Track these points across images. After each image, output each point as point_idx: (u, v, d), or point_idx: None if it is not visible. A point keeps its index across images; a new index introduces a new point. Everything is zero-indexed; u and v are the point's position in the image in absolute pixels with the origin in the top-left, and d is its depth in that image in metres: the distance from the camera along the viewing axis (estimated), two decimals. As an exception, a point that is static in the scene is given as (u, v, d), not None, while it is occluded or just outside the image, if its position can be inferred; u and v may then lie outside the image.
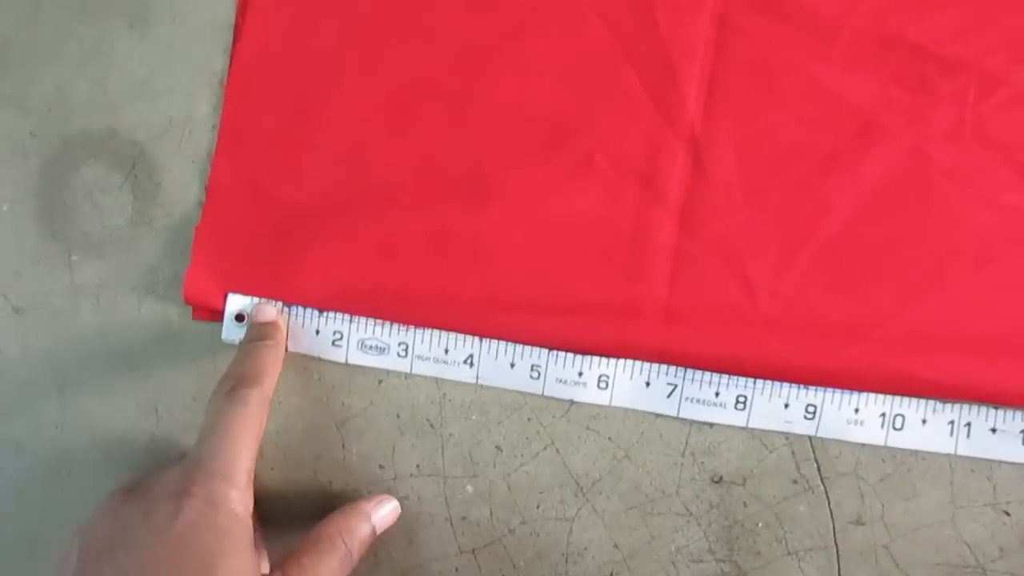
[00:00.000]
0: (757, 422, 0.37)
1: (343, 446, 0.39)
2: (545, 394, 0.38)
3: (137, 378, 0.39)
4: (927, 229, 0.36)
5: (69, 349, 0.40)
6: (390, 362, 0.38)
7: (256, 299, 0.38)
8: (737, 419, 0.37)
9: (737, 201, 0.37)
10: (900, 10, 0.37)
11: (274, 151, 0.39)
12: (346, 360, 0.38)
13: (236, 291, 0.39)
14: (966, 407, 0.36)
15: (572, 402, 0.38)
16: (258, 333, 0.36)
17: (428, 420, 0.39)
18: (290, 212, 0.39)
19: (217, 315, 0.39)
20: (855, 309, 0.36)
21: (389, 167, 0.39)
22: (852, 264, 0.37)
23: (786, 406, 0.36)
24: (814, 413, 0.36)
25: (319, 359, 0.39)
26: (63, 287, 0.40)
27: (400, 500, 0.38)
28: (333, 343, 0.39)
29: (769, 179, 0.37)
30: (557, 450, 0.38)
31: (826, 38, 0.37)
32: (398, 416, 0.39)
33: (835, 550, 0.36)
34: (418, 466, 0.39)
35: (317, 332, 0.39)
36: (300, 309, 0.38)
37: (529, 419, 0.38)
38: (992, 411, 0.36)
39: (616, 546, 0.37)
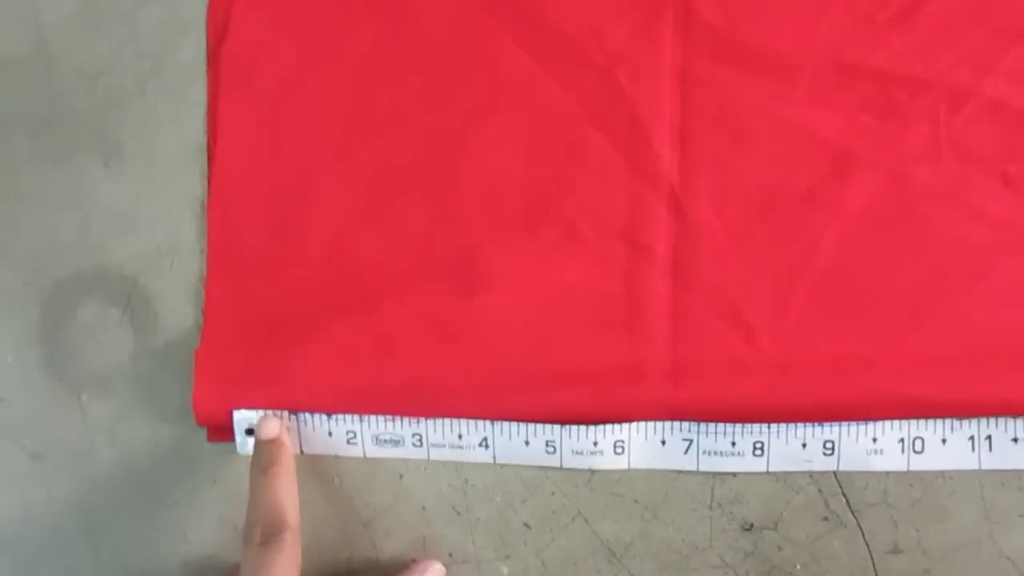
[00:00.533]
0: (777, 465, 0.37)
1: (373, 545, 0.39)
2: (564, 467, 0.38)
3: (163, 507, 0.40)
4: (918, 250, 0.36)
5: (91, 489, 0.40)
6: (407, 452, 0.39)
7: (262, 411, 0.39)
8: (757, 465, 0.37)
9: (725, 249, 0.37)
10: (858, 39, 0.37)
11: (263, 264, 0.40)
12: (364, 455, 0.39)
13: (243, 406, 0.39)
14: (984, 421, 0.36)
15: (592, 470, 0.38)
16: (266, 459, 0.37)
17: (453, 507, 0.39)
18: (286, 321, 0.39)
19: (231, 433, 0.39)
20: (859, 340, 0.36)
21: (377, 262, 0.39)
22: (848, 296, 0.37)
23: (804, 446, 0.36)
24: (832, 448, 0.36)
25: (336, 459, 0.39)
26: (77, 427, 0.40)
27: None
28: (348, 442, 0.39)
29: (754, 223, 0.37)
30: (585, 519, 0.38)
31: (789, 77, 0.37)
32: (423, 508, 0.39)
33: (876, 582, 0.36)
34: (451, 555, 0.39)
35: (329, 434, 0.39)
36: (309, 415, 0.39)
37: (553, 493, 0.38)
38: (1011, 421, 0.36)
39: (658, 608, 0.38)
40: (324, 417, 0.39)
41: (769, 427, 0.37)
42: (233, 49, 0.39)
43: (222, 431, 0.39)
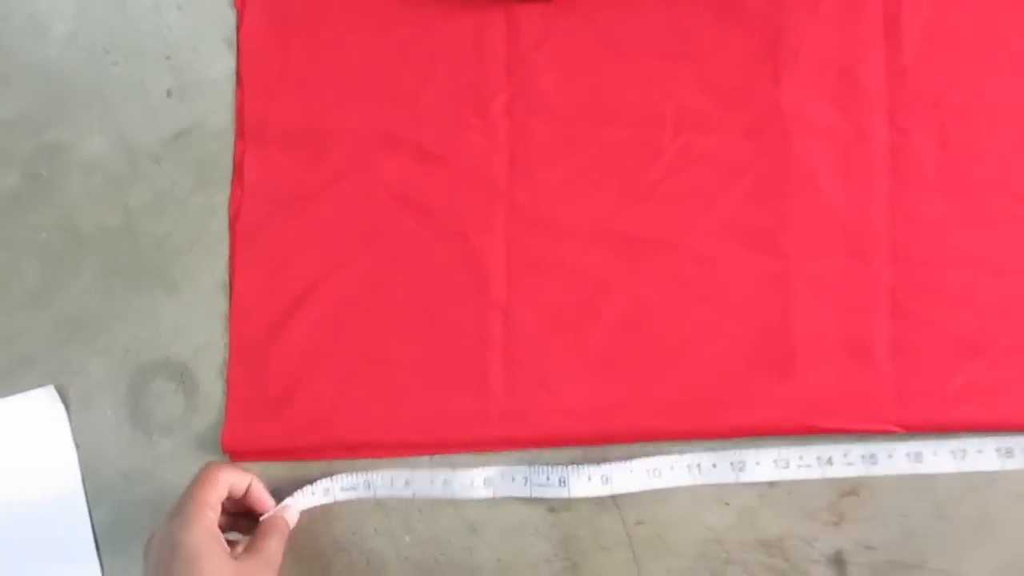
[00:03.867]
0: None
1: None
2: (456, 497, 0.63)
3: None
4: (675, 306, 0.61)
5: (158, 499, 0.66)
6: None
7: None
8: (562, 492, 0.61)
9: (539, 338, 0.63)
10: (612, 203, 0.62)
11: (266, 356, 0.66)
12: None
13: (250, 445, 0.64)
14: (700, 453, 0.61)
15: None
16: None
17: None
18: (281, 392, 0.65)
19: (245, 457, 0.65)
20: (616, 391, 0.61)
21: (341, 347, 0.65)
22: (620, 363, 0.61)
23: (588, 478, 0.61)
24: (607, 479, 0.61)
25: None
26: (151, 459, 0.67)
27: None
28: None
29: (555, 321, 0.62)
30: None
31: (573, 236, 0.63)
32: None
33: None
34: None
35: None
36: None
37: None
38: (722, 452, 0.60)
39: None
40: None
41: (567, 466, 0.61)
42: (243, 229, 0.66)
43: (239, 456, 0.65)
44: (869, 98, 0.61)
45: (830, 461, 0.59)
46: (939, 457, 0.58)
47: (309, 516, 0.63)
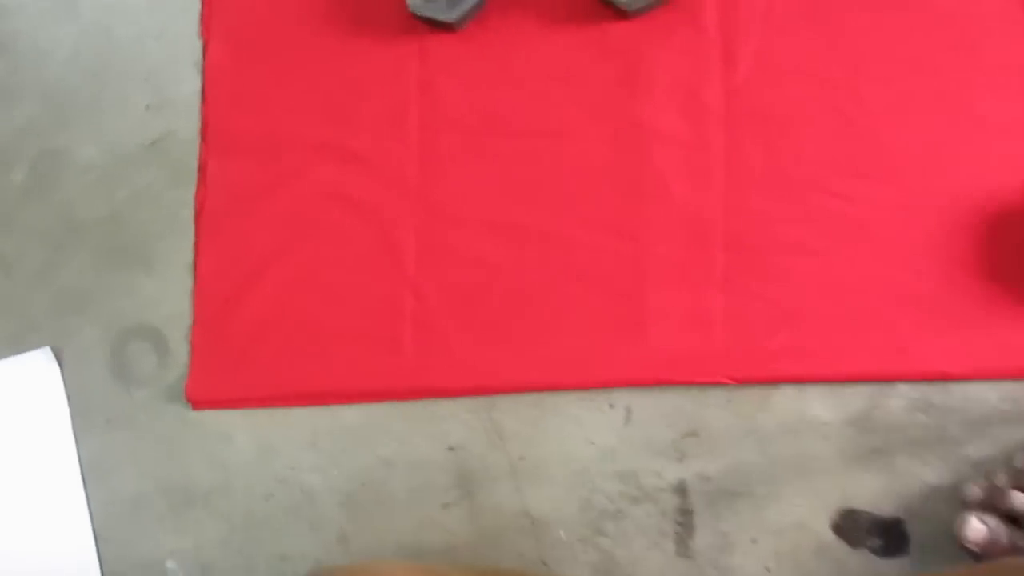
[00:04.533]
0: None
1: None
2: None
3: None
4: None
5: (135, 437, 0.81)
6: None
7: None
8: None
9: (442, 312, 0.77)
10: (503, 199, 0.77)
11: (226, 325, 0.80)
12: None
13: (211, 395, 0.79)
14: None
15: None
16: None
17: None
18: (240, 350, 0.80)
19: (208, 406, 0.80)
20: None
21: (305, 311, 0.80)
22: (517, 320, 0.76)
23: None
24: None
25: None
26: (127, 405, 0.82)
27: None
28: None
29: (454, 286, 0.77)
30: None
31: (467, 224, 0.77)
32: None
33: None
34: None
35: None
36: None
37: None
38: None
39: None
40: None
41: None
42: (206, 220, 0.81)
43: (201, 404, 0.80)
44: (709, 113, 0.75)
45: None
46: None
47: (255, 451, 0.77)
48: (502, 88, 0.78)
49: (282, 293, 0.79)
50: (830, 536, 0.71)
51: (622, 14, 0.76)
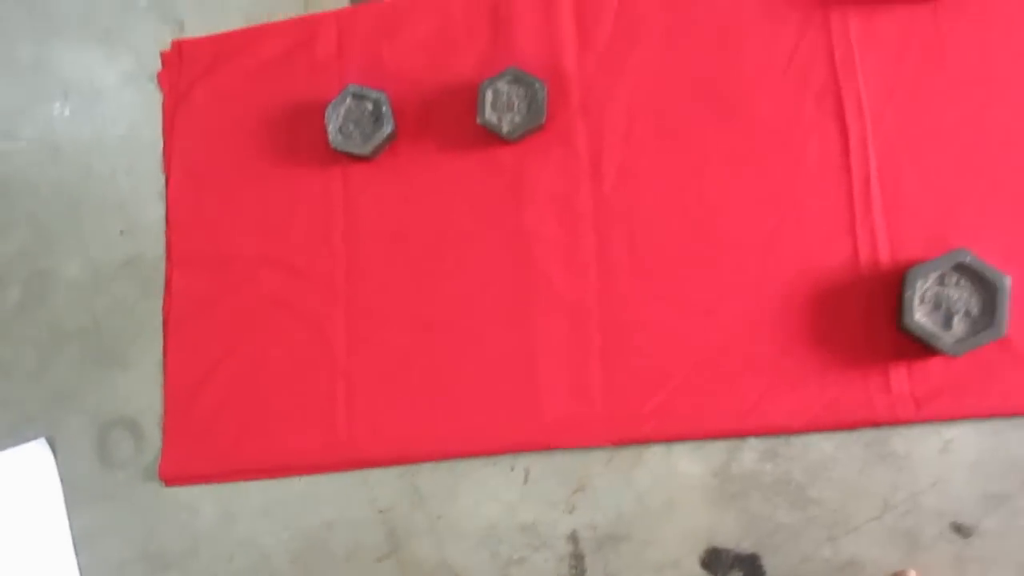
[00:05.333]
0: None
1: (235, 529, 0.94)
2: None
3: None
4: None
5: (114, 514, 0.96)
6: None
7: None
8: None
9: (369, 396, 0.92)
10: (415, 297, 0.92)
11: (190, 410, 0.96)
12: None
13: (191, 473, 0.94)
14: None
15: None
16: None
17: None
18: (211, 437, 0.95)
19: (175, 481, 0.95)
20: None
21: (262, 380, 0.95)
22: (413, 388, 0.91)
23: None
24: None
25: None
26: (111, 484, 0.96)
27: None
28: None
29: (384, 385, 0.92)
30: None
31: (387, 321, 0.93)
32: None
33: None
34: (266, 531, 0.93)
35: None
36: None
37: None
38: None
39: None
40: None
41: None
42: (172, 325, 0.97)
43: (172, 481, 0.94)
44: (581, 218, 0.90)
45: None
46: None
47: (219, 519, 0.92)
48: (411, 205, 0.93)
49: (236, 384, 0.94)
50: (699, 571, 0.84)
51: (506, 140, 0.91)
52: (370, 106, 0.93)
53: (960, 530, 0.81)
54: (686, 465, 0.87)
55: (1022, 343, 0.82)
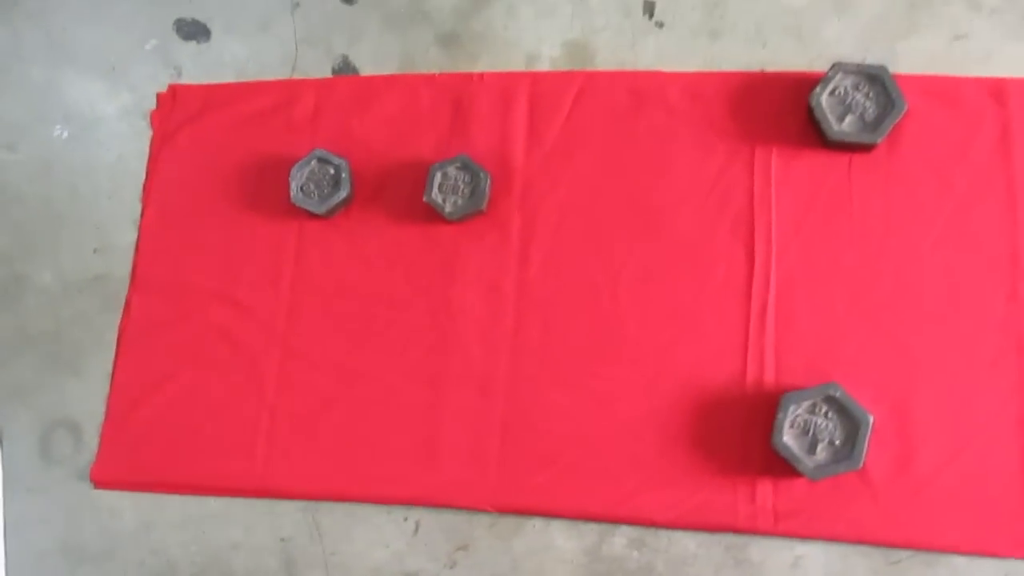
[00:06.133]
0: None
1: (150, 537, 1.02)
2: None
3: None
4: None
5: (45, 506, 1.04)
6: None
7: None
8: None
9: (291, 430, 1.01)
10: (346, 347, 1.01)
11: (127, 421, 1.05)
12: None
13: (120, 480, 1.03)
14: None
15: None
16: None
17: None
18: (144, 441, 1.04)
19: (104, 485, 1.03)
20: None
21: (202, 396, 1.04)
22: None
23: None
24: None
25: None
26: (48, 479, 1.05)
27: None
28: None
29: (306, 421, 1.01)
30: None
31: (317, 365, 1.02)
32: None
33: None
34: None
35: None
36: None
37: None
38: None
39: None
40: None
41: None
42: (125, 342, 1.06)
43: (102, 485, 1.03)
44: (504, 298, 0.99)
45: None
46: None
47: (137, 525, 1.00)
48: (355, 264, 1.03)
49: (173, 404, 1.02)
50: (559, 641, 0.92)
51: (447, 220, 1.01)
52: (332, 170, 1.03)
53: (798, 640, 0.88)
54: (562, 540, 0.94)
55: (878, 478, 0.89)
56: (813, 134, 0.98)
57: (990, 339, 0.91)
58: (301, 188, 1.03)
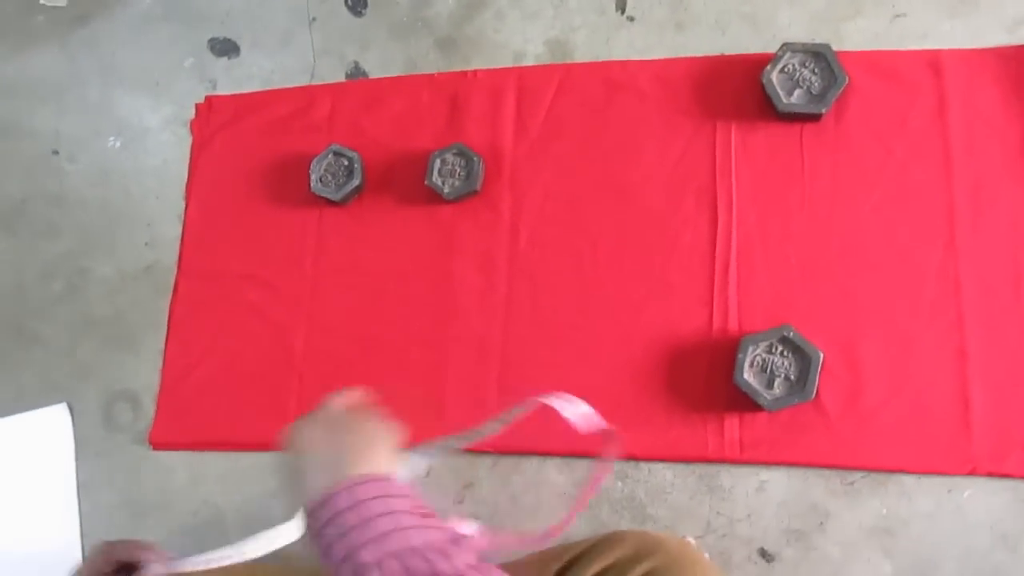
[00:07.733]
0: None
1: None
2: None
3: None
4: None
5: (110, 470, 1.21)
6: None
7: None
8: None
9: (319, 390, 1.16)
10: (364, 319, 1.16)
11: (179, 390, 1.21)
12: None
13: (173, 442, 1.19)
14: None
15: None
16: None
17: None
18: (200, 412, 1.20)
19: (161, 447, 1.19)
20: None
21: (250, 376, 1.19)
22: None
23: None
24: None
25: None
26: (111, 445, 1.22)
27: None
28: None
29: (333, 384, 1.16)
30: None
31: (338, 334, 1.16)
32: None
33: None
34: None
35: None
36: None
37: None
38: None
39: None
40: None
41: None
42: (175, 322, 1.22)
43: (158, 447, 1.18)
44: (497, 270, 1.13)
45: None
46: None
47: (189, 481, 1.16)
48: (368, 244, 1.17)
49: (215, 373, 1.18)
50: (554, 564, 1.04)
51: (446, 200, 1.15)
52: (346, 162, 1.17)
53: (765, 555, 1.00)
54: (555, 476, 1.07)
55: (832, 409, 1.00)
56: (768, 109, 1.10)
57: (929, 284, 1.02)
58: (320, 179, 1.18)
